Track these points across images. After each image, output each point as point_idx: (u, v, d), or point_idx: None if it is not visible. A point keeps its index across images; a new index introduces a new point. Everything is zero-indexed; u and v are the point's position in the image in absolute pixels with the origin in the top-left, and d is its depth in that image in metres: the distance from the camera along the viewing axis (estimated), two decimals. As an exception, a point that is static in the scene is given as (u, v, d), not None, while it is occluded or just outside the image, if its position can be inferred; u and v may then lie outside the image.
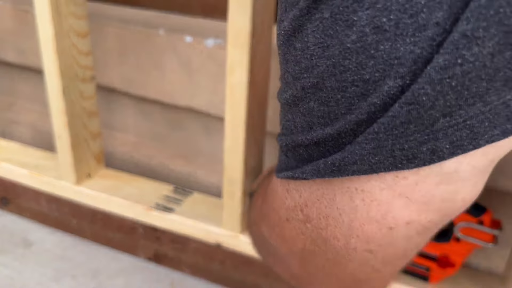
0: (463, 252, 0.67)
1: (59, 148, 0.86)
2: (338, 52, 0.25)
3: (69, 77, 0.80)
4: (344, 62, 0.25)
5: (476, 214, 0.64)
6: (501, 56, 0.22)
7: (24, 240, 0.93)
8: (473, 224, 0.64)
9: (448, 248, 0.68)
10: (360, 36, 0.24)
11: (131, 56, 0.94)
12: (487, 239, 0.65)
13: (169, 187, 0.89)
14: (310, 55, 0.27)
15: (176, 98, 0.94)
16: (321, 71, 0.26)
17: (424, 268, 0.69)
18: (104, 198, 0.87)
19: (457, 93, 0.23)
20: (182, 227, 0.82)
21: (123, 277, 0.85)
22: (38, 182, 0.92)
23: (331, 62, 0.25)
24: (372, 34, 0.23)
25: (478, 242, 0.65)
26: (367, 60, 0.24)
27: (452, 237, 0.67)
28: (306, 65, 0.27)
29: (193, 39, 0.88)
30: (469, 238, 0.65)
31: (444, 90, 0.23)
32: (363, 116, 0.26)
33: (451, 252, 0.68)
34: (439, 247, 0.68)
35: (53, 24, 0.75)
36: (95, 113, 0.88)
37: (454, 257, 0.68)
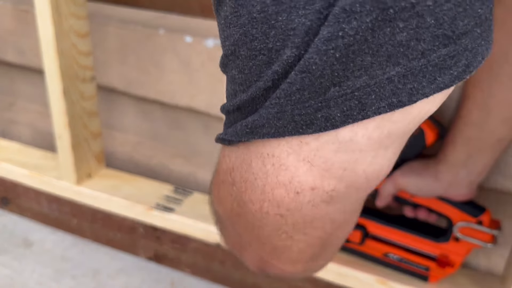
0: (463, 252, 0.67)
1: (59, 148, 0.86)
2: (248, 21, 0.27)
3: (69, 77, 0.80)
4: (252, 31, 0.27)
5: (475, 214, 0.64)
6: (381, 32, 0.23)
7: (25, 240, 0.93)
8: (472, 224, 0.64)
9: (447, 248, 0.68)
10: (263, 6, 0.25)
11: (131, 56, 0.95)
12: (486, 239, 0.65)
13: (169, 187, 0.89)
14: (228, 24, 0.29)
15: (176, 98, 0.94)
16: (236, 39, 0.28)
17: (424, 268, 0.70)
18: (104, 198, 0.87)
19: (343, 64, 0.25)
20: (182, 227, 0.82)
21: (123, 277, 0.85)
22: (38, 182, 0.92)
23: (242, 31, 0.27)
24: (272, 6, 0.25)
25: (477, 242, 0.65)
26: (269, 30, 0.26)
27: (451, 237, 0.67)
28: (227, 33, 0.29)
29: (193, 39, 0.88)
30: (468, 238, 0.65)
31: (330, 60, 0.24)
32: (269, 83, 0.27)
33: (451, 252, 0.68)
34: (438, 247, 0.68)
35: (54, 25, 0.75)
36: (95, 113, 0.88)
37: (454, 257, 0.68)
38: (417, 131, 0.60)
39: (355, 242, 0.71)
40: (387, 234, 0.71)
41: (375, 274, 0.72)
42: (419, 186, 0.64)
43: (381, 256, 0.72)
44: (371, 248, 0.72)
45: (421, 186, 0.64)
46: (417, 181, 0.64)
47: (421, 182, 0.64)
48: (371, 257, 0.73)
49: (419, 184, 0.64)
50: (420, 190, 0.64)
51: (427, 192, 0.64)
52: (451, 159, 0.61)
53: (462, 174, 0.61)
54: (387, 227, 0.71)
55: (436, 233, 0.69)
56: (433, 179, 0.63)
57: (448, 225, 0.67)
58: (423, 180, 0.64)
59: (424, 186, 0.64)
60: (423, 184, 0.64)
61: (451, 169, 0.61)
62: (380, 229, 0.71)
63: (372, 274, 0.72)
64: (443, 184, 0.63)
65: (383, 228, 0.71)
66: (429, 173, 0.63)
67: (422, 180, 0.64)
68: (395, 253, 0.71)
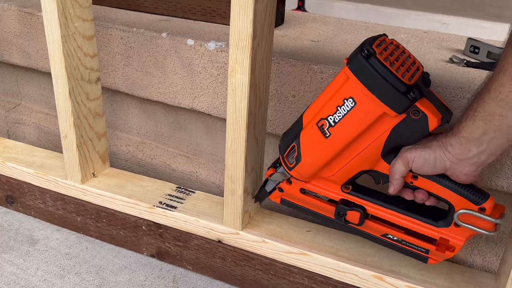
0: (463, 237, 0.66)
1: (64, 148, 0.88)
2: None
3: (75, 79, 0.82)
4: None
5: (477, 201, 0.63)
6: None
7: (30, 237, 0.94)
8: (474, 212, 0.63)
9: (447, 233, 0.67)
10: None
11: (135, 59, 0.96)
12: (487, 227, 0.63)
13: (171, 186, 0.91)
14: None
15: (179, 99, 0.96)
16: None
17: (424, 250, 0.69)
18: (108, 196, 0.89)
19: None
20: (184, 225, 0.84)
21: (126, 274, 0.87)
22: (43, 181, 0.94)
23: None
24: None
25: (477, 229, 0.64)
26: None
27: (452, 223, 0.66)
28: None
29: (195, 42, 0.90)
30: (469, 225, 0.64)
31: None
32: None
33: (451, 237, 0.67)
34: (438, 231, 0.67)
35: (60, 27, 0.77)
36: (100, 114, 0.90)
37: (454, 241, 0.67)
38: (420, 116, 0.60)
39: (354, 223, 0.69)
40: (386, 215, 0.69)
41: (372, 269, 0.73)
42: (426, 158, 0.61)
43: (380, 236, 0.71)
44: (370, 228, 0.71)
45: (428, 158, 0.61)
46: (424, 153, 0.61)
47: (429, 155, 0.61)
48: (370, 236, 0.72)
49: (426, 156, 0.61)
50: (425, 164, 0.62)
51: (432, 167, 0.62)
52: (467, 133, 0.58)
53: (474, 151, 0.58)
54: (386, 209, 0.69)
55: (435, 214, 0.68)
56: (442, 152, 0.61)
57: (449, 209, 0.65)
58: (431, 152, 0.61)
59: (431, 159, 0.61)
60: (430, 157, 0.61)
61: (464, 144, 0.59)
62: (380, 210, 0.69)
63: (368, 269, 0.73)
64: (451, 159, 0.60)
65: (383, 209, 0.69)
66: (438, 145, 0.61)
67: (431, 152, 0.61)
68: (394, 234, 0.70)
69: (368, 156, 0.66)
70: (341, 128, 0.64)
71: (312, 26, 1.04)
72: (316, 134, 0.66)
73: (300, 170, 0.70)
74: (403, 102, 0.60)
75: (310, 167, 0.69)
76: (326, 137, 0.65)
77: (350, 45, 0.92)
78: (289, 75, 0.83)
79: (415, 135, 0.63)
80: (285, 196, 0.75)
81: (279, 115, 0.87)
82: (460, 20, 2.38)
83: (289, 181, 0.73)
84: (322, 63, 0.81)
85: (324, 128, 0.65)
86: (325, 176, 0.70)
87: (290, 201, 0.75)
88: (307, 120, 0.68)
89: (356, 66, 0.60)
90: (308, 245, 0.77)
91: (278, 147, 0.73)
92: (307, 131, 0.67)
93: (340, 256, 0.75)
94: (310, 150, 0.68)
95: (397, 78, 0.59)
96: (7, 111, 1.22)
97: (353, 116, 0.63)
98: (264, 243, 0.79)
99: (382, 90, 0.59)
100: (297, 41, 0.93)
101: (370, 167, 0.67)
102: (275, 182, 0.75)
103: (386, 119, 0.62)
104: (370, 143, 0.64)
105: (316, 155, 0.68)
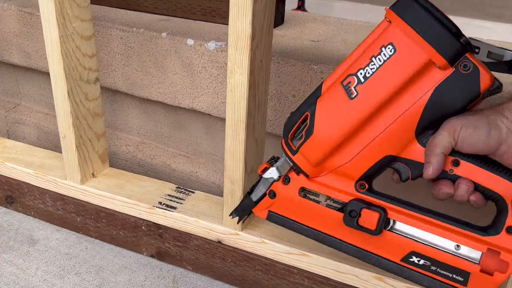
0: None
1: (64, 148, 0.88)
2: None
3: (74, 79, 0.82)
4: None
5: None
6: None
7: (29, 238, 0.94)
8: None
9: (497, 243, 0.51)
10: None
11: (134, 59, 0.96)
12: None
13: (171, 186, 0.91)
14: None
15: (178, 99, 0.96)
16: None
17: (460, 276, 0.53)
18: (108, 196, 0.89)
19: None
20: (184, 225, 0.84)
21: (126, 274, 0.87)
22: (43, 181, 0.94)
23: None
24: None
25: None
26: None
27: (504, 227, 0.51)
28: None
29: (194, 42, 0.90)
30: None
31: None
32: None
33: (502, 248, 0.51)
34: (484, 242, 0.52)
35: (58, 27, 0.76)
36: (99, 114, 0.90)
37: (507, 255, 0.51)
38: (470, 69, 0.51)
39: (369, 228, 0.55)
40: (412, 221, 0.54)
41: (372, 270, 0.73)
42: (477, 125, 0.51)
43: (400, 261, 0.56)
44: (388, 247, 0.56)
45: (480, 125, 0.51)
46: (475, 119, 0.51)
47: (481, 121, 0.51)
48: (384, 263, 0.57)
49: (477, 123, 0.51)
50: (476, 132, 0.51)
51: (485, 137, 0.51)
52: None
53: None
54: (414, 212, 0.54)
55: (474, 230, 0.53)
56: (497, 118, 0.51)
57: (499, 211, 0.52)
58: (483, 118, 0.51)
59: (483, 126, 0.51)
60: (482, 124, 0.51)
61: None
62: (406, 215, 0.55)
63: (369, 270, 0.73)
64: (509, 125, 0.50)
65: (410, 213, 0.54)
66: (492, 112, 0.52)
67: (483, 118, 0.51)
68: (421, 252, 0.55)
69: (399, 132, 0.54)
70: (373, 84, 0.53)
71: (312, 26, 1.04)
72: (339, 95, 0.55)
73: (308, 151, 0.58)
74: (454, 46, 0.50)
75: (321, 145, 0.57)
76: (352, 97, 0.54)
77: (350, 45, 0.92)
78: (289, 75, 0.82)
79: (463, 96, 0.52)
80: (275, 207, 0.62)
81: (279, 115, 0.87)
82: (460, 20, 2.36)
83: (287, 179, 0.61)
84: (322, 63, 0.80)
85: (351, 86, 0.54)
86: (337, 165, 0.57)
87: (279, 215, 0.62)
88: (328, 85, 0.57)
89: (402, 7, 0.51)
90: (308, 246, 0.77)
91: (282, 129, 0.62)
92: (328, 93, 0.56)
93: (340, 257, 0.75)
94: (327, 117, 0.56)
95: (447, 18, 0.51)
96: (7, 111, 1.22)
97: (390, 67, 0.52)
98: (264, 243, 0.79)
99: (430, 30, 0.50)
100: (297, 41, 0.93)
101: (398, 151, 0.55)
102: (266, 184, 0.63)
103: (429, 74, 0.52)
104: (404, 111, 0.53)
105: (334, 125, 0.56)
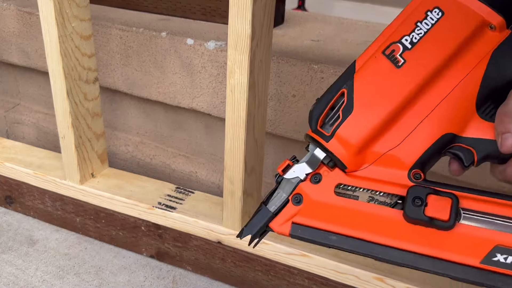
0: None
1: (63, 148, 0.88)
2: None
3: (73, 79, 0.82)
4: None
5: None
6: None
7: (29, 238, 0.94)
8: None
9: None
10: None
11: (134, 58, 0.96)
12: None
13: (171, 186, 0.91)
14: None
15: (178, 99, 0.95)
16: None
17: None
18: (107, 197, 0.88)
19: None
20: (183, 225, 0.83)
21: (126, 274, 0.87)
22: (42, 181, 0.94)
23: None
24: None
25: None
26: None
27: None
28: None
29: (194, 42, 0.89)
30: None
31: None
32: None
33: None
34: None
35: (57, 27, 0.76)
36: (98, 114, 0.89)
37: None
38: None
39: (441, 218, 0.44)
40: (491, 207, 0.44)
41: (372, 270, 0.73)
42: None
43: (480, 263, 0.43)
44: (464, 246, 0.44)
45: None
46: None
47: None
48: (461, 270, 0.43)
49: None
50: None
51: None
52: None
53: None
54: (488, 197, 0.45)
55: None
56: None
57: None
58: None
59: None
60: None
61: None
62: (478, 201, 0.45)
63: (369, 271, 0.73)
64: None
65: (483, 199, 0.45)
66: None
67: None
68: (509, 245, 0.43)
69: (457, 105, 0.47)
70: (422, 49, 0.47)
71: (312, 25, 1.03)
72: (382, 65, 0.48)
73: (348, 132, 0.48)
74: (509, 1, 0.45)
75: (365, 122, 0.48)
76: (399, 66, 0.48)
77: (350, 45, 0.91)
78: (289, 75, 0.82)
79: None
80: (302, 215, 0.49)
81: (279, 115, 0.86)
82: None
83: (317, 177, 0.49)
84: (322, 63, 0.80)
85: (396, 54, 0.48)
86: (384, 151, 0.48)
87: (308, 227, 0.48)
88: (363, 60, 0.50)
89: None
90: (308, 246, 0.77)
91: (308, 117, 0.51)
92: (367, 65, 0.49)
93: (340, 257, 0.75)
94: (369, 90, 0.49)
95: None
96: (6, 111, 1.22)
97: (439, 32, 0.47)
98: (264, 244, 0.78)
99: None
100: (297, 41, 0.92)
101: (458, 130, 0.47)
102: (289, 187, 0.50)
103: (484, 37, 0.47)
104: (460, 79, 0.47)
105: (379, 97, 0.48)
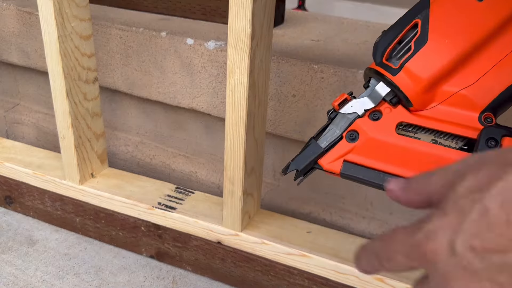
0: None
1: (62, 148, 0.88)
2: None
3: (72, 79, 0.82)
4: None
5: None
6: None
7: (28, 238, 0.94)
8: None
9: None
10: None
11: (134, 58, 0.96)
12: None
13: (171, 186, 0.91)
14: None
15: (178, 99, 0.95)
16: None
17: None
18: (107, 197, 0.88)
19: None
20: (183, 225, 0.83)
21: (126, 274, 0.87)
22: (42, 181, 0.93)
23: None
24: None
25: None
26: None
27: None
28: None
29: (194, 42, 0.89)
30: None
31: None
32: None
33: None
34: None
35: (57, 27, 0.76)
36: (98, 114, 0.89)
37: None
38: None
39: None
40: None
41: (373, 271, 0.73)
42: None
43: None
44: None
45: None
46: None
47: None
48: None
49: None
50: None
51: None
52: None
53: None
54: None
55: None
56: None
57: None
58: None
59: None
60: None
61: None
62: None
63: (369, 272, 0.73)
64: None
65: None
66: None
67: None
68: None
69: None
70: None
71: (312, 25, 1.03)
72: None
73: (419, 66, 0.45)
74: None
75: (439, 56, 0.44)
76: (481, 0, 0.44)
77: (351, 45, 0.91)
78: (289, 75, 0.82)
79: None
80: (356, 153, 0.47)
81: (279, 115, 0.86)
82: None
83: (376, 113, 0.47)
84: (322, 63, 0.80)
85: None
86: (456, 90, 0.45)
87: (362, 166, 0.46)
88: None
89: None
90: (308, 246, 0.76)
91: (373, 50, 0.49)
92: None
93: (340, 257, 0.75)
94: (447, 22, 0.44)
95: None
96: (6, 111, 1.22)
97: None
98: (264, 244, 0.78)
99: None
100: (298, 40, 0.92)
101: None
102: (344, 122, 0.48)
103: None
104: None
105: (457, 31, 0.44)
